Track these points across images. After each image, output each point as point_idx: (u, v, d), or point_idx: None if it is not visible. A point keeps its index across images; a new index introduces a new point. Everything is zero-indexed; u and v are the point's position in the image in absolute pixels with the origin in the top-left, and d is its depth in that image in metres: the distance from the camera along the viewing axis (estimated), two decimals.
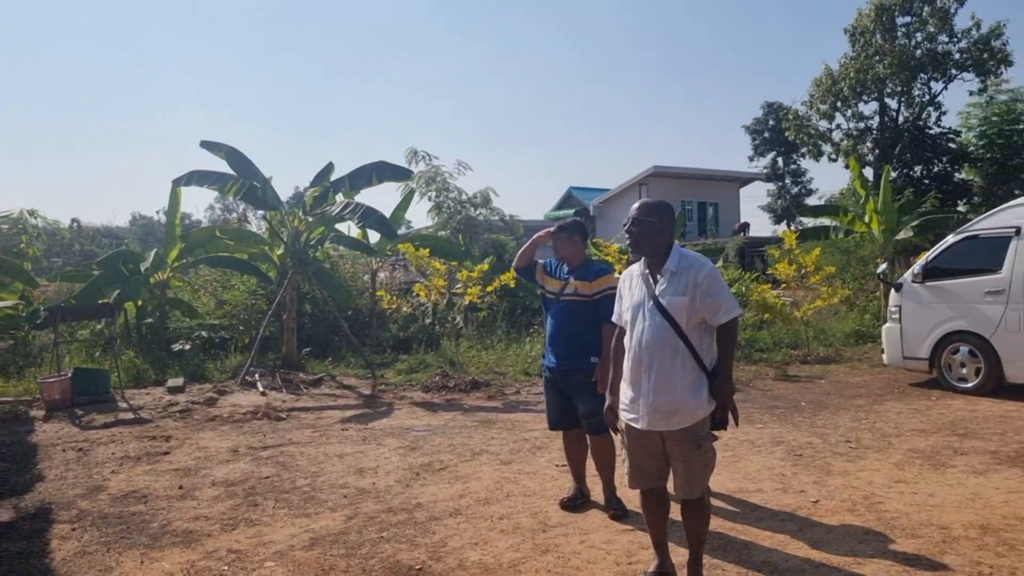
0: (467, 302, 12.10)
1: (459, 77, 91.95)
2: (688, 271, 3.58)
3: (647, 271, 3.71)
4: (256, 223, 30.35)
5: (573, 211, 37.74)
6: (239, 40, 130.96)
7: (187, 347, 12.44)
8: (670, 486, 3.78)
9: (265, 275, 13.85)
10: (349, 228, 15.04)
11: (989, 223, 9.40)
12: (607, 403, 3.85)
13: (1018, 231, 8.91)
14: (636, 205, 3.76)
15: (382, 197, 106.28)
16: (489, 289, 11.66)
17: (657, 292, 3.61)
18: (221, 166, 11.74)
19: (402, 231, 16.00)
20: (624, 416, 3.73)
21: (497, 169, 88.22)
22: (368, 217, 11.24)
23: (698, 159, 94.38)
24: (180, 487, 5.92)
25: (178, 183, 11.80)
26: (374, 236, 14.90)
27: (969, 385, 9.30)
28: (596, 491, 5.29)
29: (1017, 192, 25.62)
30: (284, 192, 12.38)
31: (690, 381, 3.53)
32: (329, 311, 13.63)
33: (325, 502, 5.44)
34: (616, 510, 4.98)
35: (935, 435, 7.17)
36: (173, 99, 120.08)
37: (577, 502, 5.20)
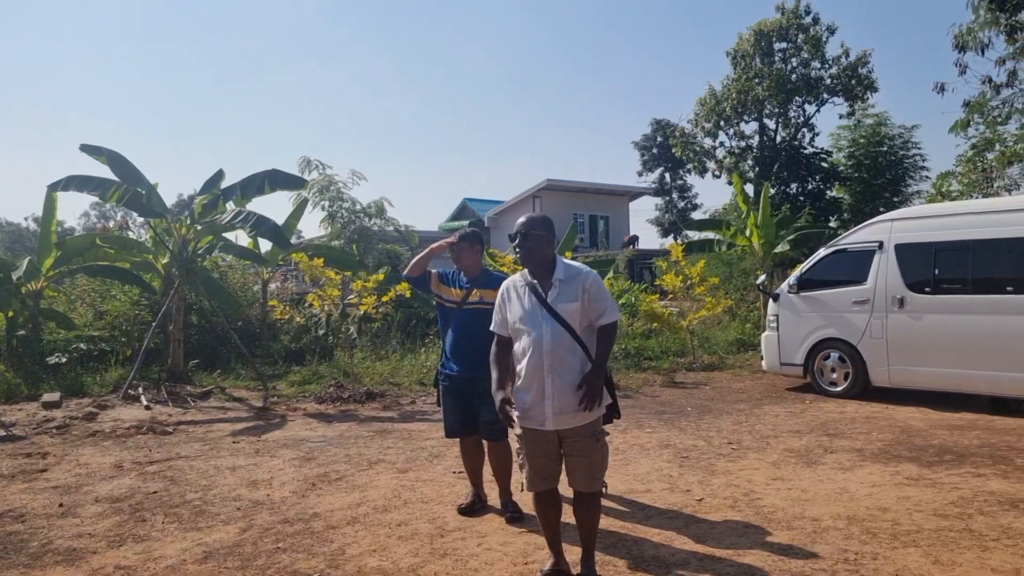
0: (362, 312, 12.01)
1: (354, 85, 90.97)
2: (575, 278, 3.84)
3: (534, 281, 3.89)
4: (136, 231, 29.15)
5: (468, 222, 37.98)
6: (121, 37, 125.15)
7: (63, 360, 11.82)
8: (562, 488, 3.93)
9: (149, 285, 13.33)
10: (237, 237, 14.69)
11: (856, 238, 10.09)
12: (500, 398, 3.85)
13: (881, 245, 9.60)
14: (522, 220, 3.95)
15: (272, 206, 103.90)
16: (384, 299, 11.62)
17: (550, 300, 3.81)
18: (103, 171, 11.26)
19: (294, 240, 15.71)
20: (523, 422, 3.84)
21: (392, 179, 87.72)
22: (261, 226, 11.01)
23: (590, 173, 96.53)
24: (60, 505, 5.67)
25: (55, 188, 11.22)
26: (265, 245, 14.62)
27: (839, 389, 9.94)
28: (493, 496, 5.40)
29: (882, 209, 27.46)
30: (167, 200, 11.98)
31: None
32: (218, 322, 13.24)
33: (218, 515, 5.33)
34: (513, 514, 5.10)
35: (808, 435, 7.64)
36: (43, 101, 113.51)
37: (475, 507, 5.29)
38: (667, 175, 46.08)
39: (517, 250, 3.90)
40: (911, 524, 4.86)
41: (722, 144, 36.51)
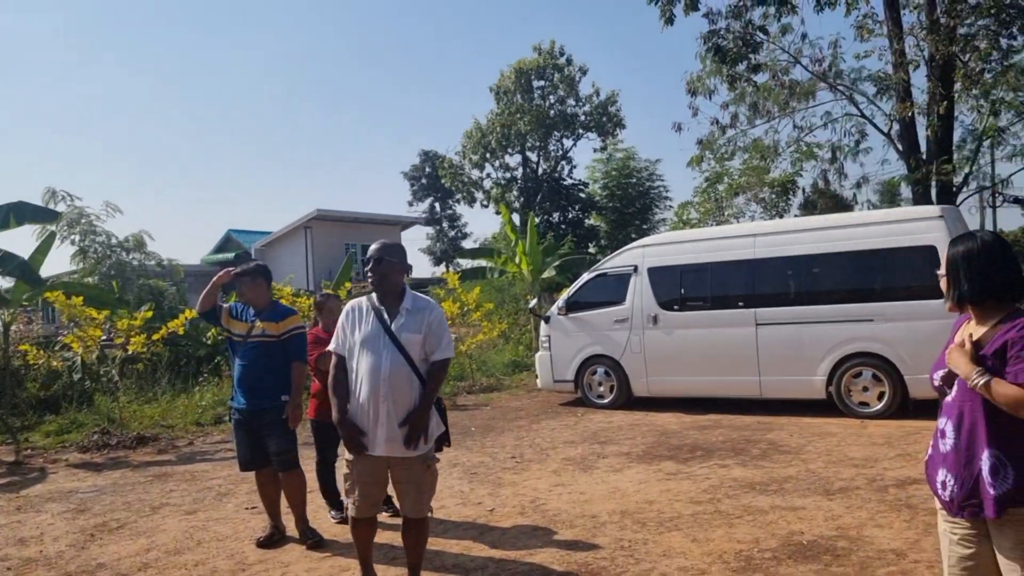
0: (130, 352, 11.28)
1: (103, 109, 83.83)
2: (422, 311, 3.95)
3: (380, 307, 3.95)
4: None
5: (234, 254, 36.45)
6: None
7: None
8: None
9: None
10: None
11: (614, 263, 11.14)
12: (348, 426, 3.85)
13: (636, 269, 10.68)
14: (377, 245, 3.98)
15: (8, 241, 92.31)
16: (155, 337, 11.02)
17: (394, 327, 3.88)
18: None
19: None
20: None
21: (151, 211, 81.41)
22: (7, 263, 10.09)
23: (360, 203, 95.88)
24: None
25: None
26: (4, 283, 13.29)
27: (606, 401, 10.87)
28: (291, 527, 5.43)
29: (634, 236, 30.08)
30: None
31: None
32: None
33: None
34: (313, 539, 5.18)
35: (582, 444, 8.35)
36: None
37: (274, 539, 5.30)
38: (437, 205, 47.02)
39: (370, 274, 3.92)
40: (672, 512, 5.56)
41: (488, 175, 38.13)
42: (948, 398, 2.53)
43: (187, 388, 13.07)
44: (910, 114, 15.32)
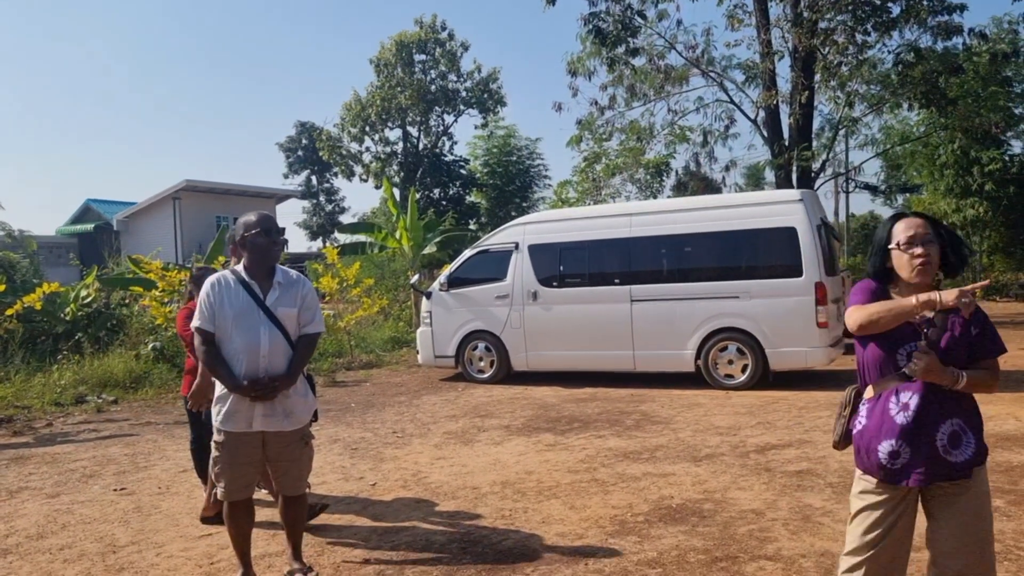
0: None
1: None
2: (295, 284, 3.86)
3: (251, 280, 3.79)
4: None
5: (92, 225, 34.42)
6: None
7: None
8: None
9: None
10: None
11: (496, 240, 11.26)
12: (238, 386, 3.66)
13: (517, 246, 10.83)
14: (265, 217, 3.84)
15: None
16: (9, 313, 10.30)
17: (269, 302, 3.77)
18: None
19: None
20: (227, 425, 3.74)
21: None
22: None
23: (233, 175, 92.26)
24: None
25: None
26: None
27: (486, 376, 11.02)
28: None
29: (514, 213, 30.40)
30: None
31: (299, 384, 3.87)
32: None
33: None
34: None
35: (463, 418, 8.45)
36: None
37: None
38: (314, 178, 45.89)
39: (266, 244, 3.75)
40: (552, 481, 5.75)
41: (368, 149, 37.49)
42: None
43: (44, 366, 12.30)
44: (775, 102, 16.16)
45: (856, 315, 2.67)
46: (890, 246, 2.70)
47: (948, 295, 2.51)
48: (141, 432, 8.50)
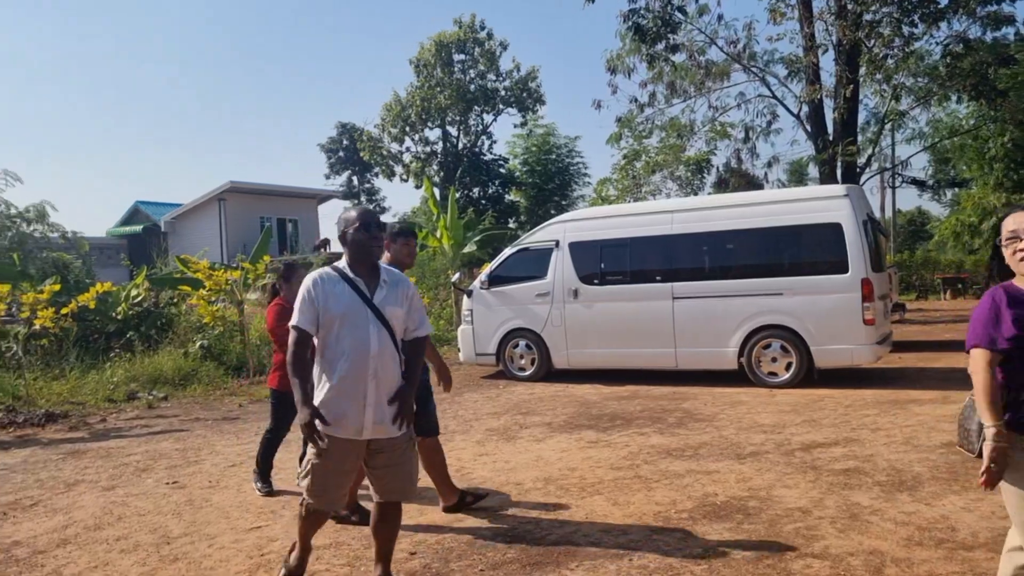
0: (36, 327, 10.81)
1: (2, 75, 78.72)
2: (400, 284, 3.64)
3: (356, 278, 3.55)
4: None
5: (141, 227, 35.18)
6: None
7: None
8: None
9: None
10: None
11: (536, 238, 11.28)
12: (309, 412, 3.39)
13: (557, 244, 10.84)
14: (366, 212, 3.62)
15: None
16: (64, 312, 10.60)
17: (376, 301, 3.53)
18: None
19: None
20: (334, 432, 3.46)
21: (53, 181, 77.35)
22: None
23: (276, 176, 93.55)
24: None
25: None
26: None
27: (527, 373, 11.05)
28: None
29: (553, 212, 30.41)
30: None
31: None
32: None
33: None
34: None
35: (505, 415, 8.50)
36: None
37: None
38: (355, 178, 46.28)
39: (369, 241, 3.54)
40: (594, 478, 5.75)
41: (408, 149, 37.77)
42: None
43: (97, 364, 12.64)
44: (818, 97, 15.95)
45: (973, 372, 2.68)
46: (998, 241, 2.71)
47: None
48: (191, 428, 8.69)
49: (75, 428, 9.02)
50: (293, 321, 3.50)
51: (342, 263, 3.63)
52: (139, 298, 14.38)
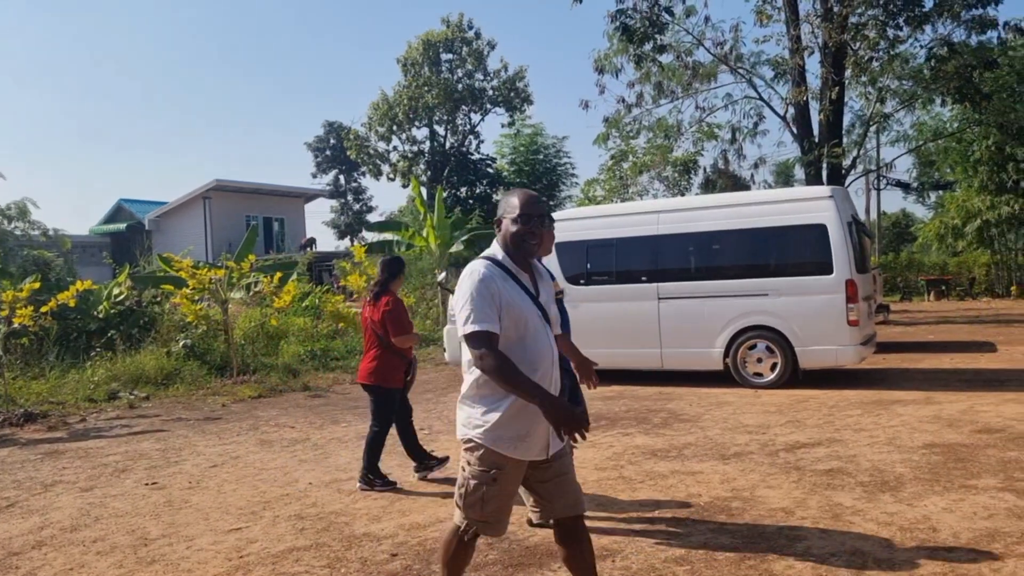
0: (17, 325, 10.66)
1: None
2: (546, 279, 3.25)
3: (520, 272, 3.04)
4: None
5: (125, 225, 34.96)
6: None
7: None
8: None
9: None
10: None
11: None
12: (564, 407, 2.82)
13: None
14: (529, 200, 3.03)
15: None
16: (44, 310, 10.47)
17: (542, 300, 3.07)
18: None
19: None
20: (518, 453, 2.95)
21: (33, 178, 76.84)
22: None
23: (262, 174, 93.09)
24: None
25: None
26: None
27: None
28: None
29: None
30: None
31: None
32: None
33: None
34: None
35: None
36: None
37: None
38: (342, 177, 46.22)
39: (524, 233, 2.98)
40: (579, 478, 5.70)
41: (395, 148, 37.68)
42: None
43: (78, 363, 12.51)
44: (804, 99, 16.01)
45: None
46: None
47: None
48: (172, 428, 8.61)
49: (54, 428, 8.93)
50: (480, 326, 2.83)
51: (499, 254, 3.05)
52: (121, 297, 14.26)
